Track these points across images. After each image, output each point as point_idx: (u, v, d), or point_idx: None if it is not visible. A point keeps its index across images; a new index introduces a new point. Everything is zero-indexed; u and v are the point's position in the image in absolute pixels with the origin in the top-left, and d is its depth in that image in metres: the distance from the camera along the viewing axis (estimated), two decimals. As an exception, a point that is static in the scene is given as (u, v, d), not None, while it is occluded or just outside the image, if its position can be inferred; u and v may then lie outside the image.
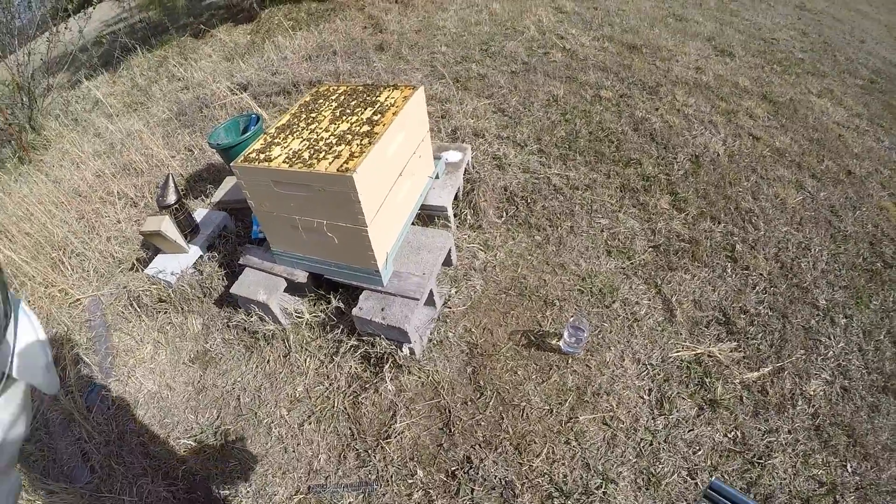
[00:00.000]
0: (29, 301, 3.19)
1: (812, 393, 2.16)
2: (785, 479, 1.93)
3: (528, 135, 3.64)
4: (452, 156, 2.90)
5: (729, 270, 2.71)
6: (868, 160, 3.77)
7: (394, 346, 2.21)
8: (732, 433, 2.05)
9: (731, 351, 2.31)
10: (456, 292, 2.56)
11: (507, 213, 3.02)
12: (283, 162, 2.02)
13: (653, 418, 2.08)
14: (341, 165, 1.89)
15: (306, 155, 2.02)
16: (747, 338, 2.37)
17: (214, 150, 3.25)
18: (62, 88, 6.22)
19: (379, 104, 2.28)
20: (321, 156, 1.98)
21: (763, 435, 2.04)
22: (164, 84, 5.38)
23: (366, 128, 2.11)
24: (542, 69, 4.48)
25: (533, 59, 4.65)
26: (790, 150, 3.69)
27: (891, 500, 1.93)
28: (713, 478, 1.78)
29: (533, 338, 2.40)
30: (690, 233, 2.92)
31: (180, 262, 2.94)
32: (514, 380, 2.24)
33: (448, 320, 2.46)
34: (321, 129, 2.19)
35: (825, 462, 1.99)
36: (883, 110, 4.54)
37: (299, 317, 2.50)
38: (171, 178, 2.91)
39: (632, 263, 2.74)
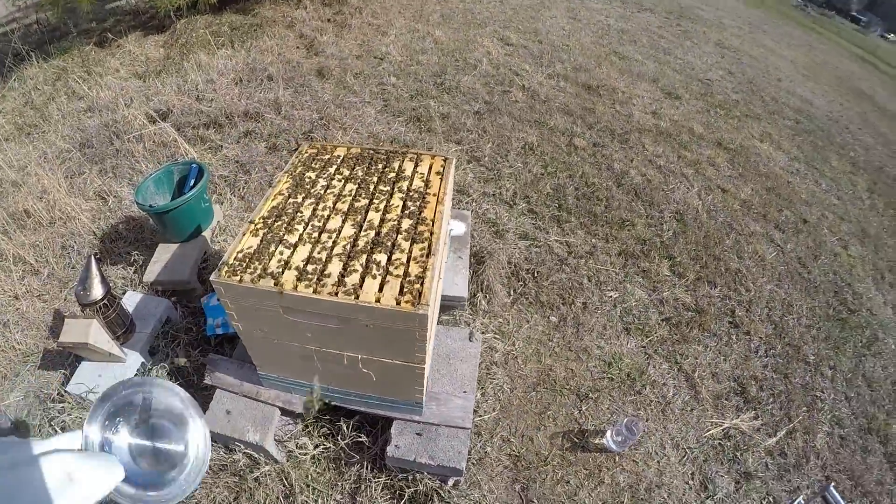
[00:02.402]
0: None
1: (819, 447, 2.41)
2: (811, 530, 2.10)
3: (513, 191, 3.39)
4: (457, 227, 2.49)
5: (734, 337, 2.78)
6: (815, 205, 4.06)
7: (438, 482, 1.83)
8: (766, 500, 2.19)
9: (751, 420, 2.41)
10: (483, 395, 2.22)
11: (515, 291, 2.74)
12: (300, 280, 1.42)
13: (701, 502, 2.12)
14: (402, 292, 1.38)
15: (333, 267, 1.46)
16: (760, 403, 2.50)
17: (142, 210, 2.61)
18: None
19: (406, 181, 1.81)
20: (361, 271, 1.45)
21: (789, 495, 2.23)
22: (63, 102, 4.43)
23: (407, 222, 1.61)
24: (506, 110, 4.25)
25: (494, 98, 4.40)
26: (754, 202, 3.84)
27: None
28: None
29: (576, 439, 2.19)
30: (694, 300, 2.92)
31: (115, 376, 2.17)
32: (568, 490, 2.04)
33: (482, 432, 2.12)
34: (337, 219, 1.64)
35: (837, 508, 2.22)
36: (813, 152, 4.91)
37: (303, 452, 1.98)
38: (93, 262, 2.14)
39: (650, 340, 2.65)
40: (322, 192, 1.77)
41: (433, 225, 1.60)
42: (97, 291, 2.13)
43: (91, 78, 4.70)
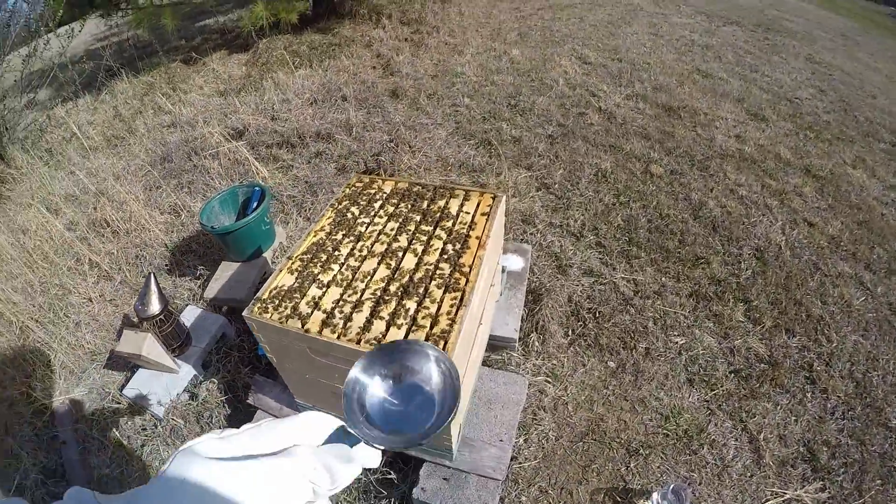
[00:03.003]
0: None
1: (888, 529, 2.06)
2: None
3: (582, 222, 3.26)
4: (514, 262, 2.40)
5: (809, 396, 2.50)
6: (911, 243, 3.61)
7: (464, 532, 1.75)
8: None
9: (816, 492, 2.14)
10: (525, 441, 2.13)
11: (573, 332, 2.61)
12: (326, 325, 1.40)
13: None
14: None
15: (361, 312, 1.42)
16: (830, 473, 2.21)
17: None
18: (43, 107, 5.51)
19: (450, 220, 1.75)
20: (388, 319, 1.40)
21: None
22: (149, 117, 4.76)
23: (444, 267, 1.55)
24: (580, 133, 4.10)
25: (569, 121, 4.26)
26: (843, 238, 3.50)
27: None
28: None
29: (619, 498, 2.03)
30: (768, 350, 2.65)
31: (168, 386, 2.35)
32: (603, 556, 1.90)
33: (519, 480, 2.02)
34: (373, 260, 1.60)
35: None
36: (912, 179, 4.40)
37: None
38: (153, 279, 2.29)
39: (715, 394, 2.43)
40: (363, 230, 1.75)
41: (470, 272, 1.53)
42: (154, 307, 2.26)
43: (175, 94, 5.00)
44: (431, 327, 1.38)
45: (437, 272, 1.54)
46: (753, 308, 2.83)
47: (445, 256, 1.60)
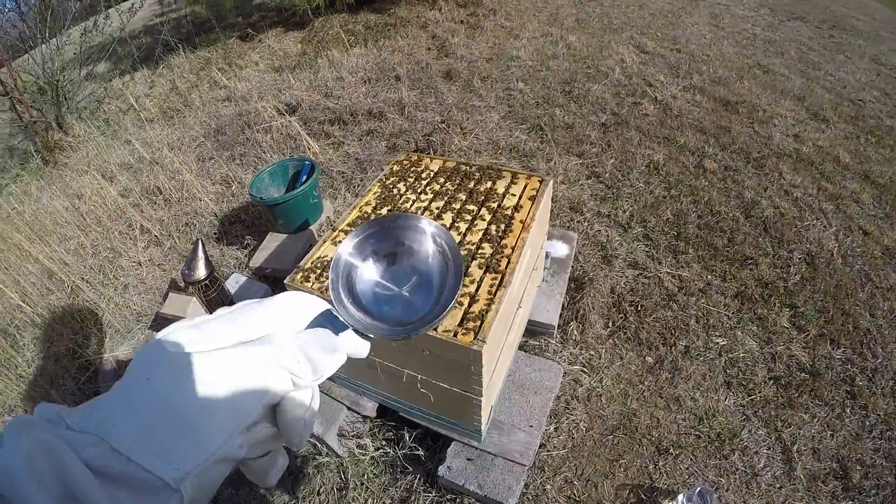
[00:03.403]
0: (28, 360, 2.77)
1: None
2: None
3: (630, 213, 3.22)
4: (559, 249, 2.41)
5: (848, 411, 2.40)
6: (970, 261, 3.42)
7: (486, 511, 1.78)
8: None
9: None
10: (556, 430, 2.13)
11: (613, 323, 2.59)
12: None
13: None
14: (461, 323, 1.34)
15: None
16: (861, 493, 2.12)
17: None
18: (102, 79, 5.76)
19: (495, 201, 1.75)
20: None
21: None
22: (204, 91, 4.91)
23: (486, 247, 1.56)
24: (634, 124, 4.04)
25: (623, 110, 4.20)
26: (898, 250, 3.32)
27: None
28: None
29: (643, 495, 2.01)
30: (811, 360, 2.56)
31: None
32: (623, 551, 1.88)
33: (546, 467, 2.03)
34: None
35: None
36: (977, 195, 4.16)
37: (362, 453, 2.04)
38: (200, 245, 2.38)
39: (752, 400, 2.37)
40: (408, 206, 1.77)
41: (512, 254, 1.54)
42: (200, 272, 2.35)
43: (231, 70, 5.12)
44: (469, 305, 1.39)
45: (479, 252, 1.56)
46: (799, 314, 2.74)
47: (488, 237, 1.61)
